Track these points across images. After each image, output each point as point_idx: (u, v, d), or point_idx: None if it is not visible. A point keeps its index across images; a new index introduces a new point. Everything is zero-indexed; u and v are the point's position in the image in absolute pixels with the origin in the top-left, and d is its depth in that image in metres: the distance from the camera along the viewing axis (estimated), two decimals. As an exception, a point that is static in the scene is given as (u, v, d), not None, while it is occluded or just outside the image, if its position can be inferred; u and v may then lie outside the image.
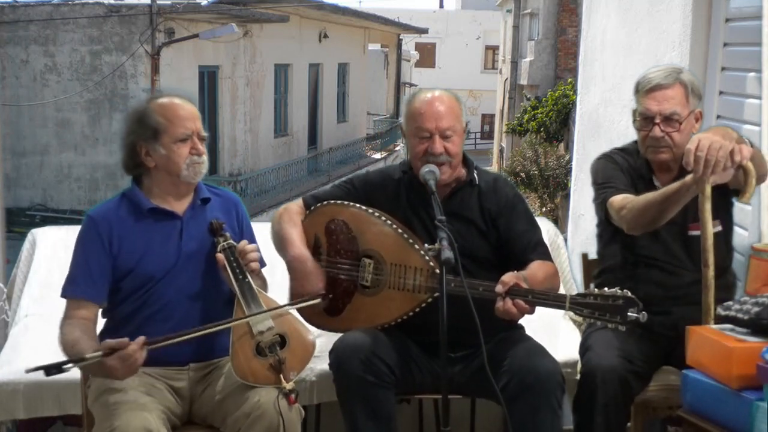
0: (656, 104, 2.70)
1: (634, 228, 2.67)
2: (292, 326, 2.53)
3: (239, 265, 2.53)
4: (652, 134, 2.72)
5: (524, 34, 25.09)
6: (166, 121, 2.52)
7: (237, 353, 2.45)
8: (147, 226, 2.57)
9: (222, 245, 2.55)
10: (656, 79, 2.72)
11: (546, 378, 2.49)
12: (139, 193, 2.60)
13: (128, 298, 2.53)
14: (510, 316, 2.46)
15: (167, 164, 2.54)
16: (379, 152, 23.94)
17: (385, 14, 25.78)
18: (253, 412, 2.35)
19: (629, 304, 2.38)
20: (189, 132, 2.54)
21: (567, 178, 15.74)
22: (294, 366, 2.46)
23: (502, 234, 2.74)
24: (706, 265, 2.47)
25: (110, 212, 2.57)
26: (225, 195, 2.76)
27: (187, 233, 2.59)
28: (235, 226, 2.70)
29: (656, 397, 2.69)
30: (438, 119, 2.66)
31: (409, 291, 2.65)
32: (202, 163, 2.57)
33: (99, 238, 2.52)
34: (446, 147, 2.66)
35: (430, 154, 2.66)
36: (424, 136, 2.67)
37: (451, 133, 2.67)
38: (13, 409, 2.89)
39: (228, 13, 15.16)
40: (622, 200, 2.69)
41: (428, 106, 2.69)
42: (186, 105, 2.58)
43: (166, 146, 2.52)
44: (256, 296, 2.51)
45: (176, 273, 2.55)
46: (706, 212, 2.45)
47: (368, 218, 2.73)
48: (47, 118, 14.75)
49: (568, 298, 2.45)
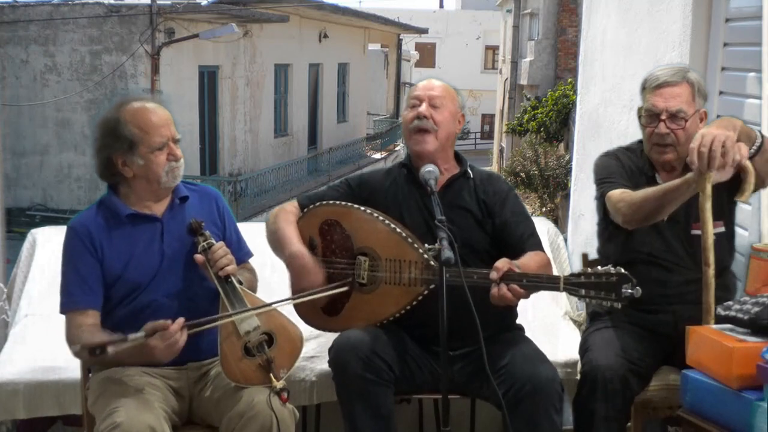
0: (663, 101, 2.71)
1: (629, 222, 2.67)
2: (278, 322, 2.53)
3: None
4: (658, 131, 2.72)
5: (524, 34, 25.09)
6: (141, 132, 2.50)
7: (226, 355, 2.45)
8: (127, 232, 2.55)
9: (202, 245, 2.54)
10: (664, 77, 2.73)
11: (544, 386, 2.49)
12: (117, 200, 2.58)
13: (118, 305, 2.53)
14: (506, 302, 2.47)
15: (146, 173, 2.53)
16: (379, 152, 23.93)
17: (385, 14, 25.79)
18: (247, 412, 2.35)
19: (623, 281, 2.38)
20: (165, 139, 2.52)
21: (567, 178, 15.74)
22: (283, 363, 2.46)
23: (496, 225, 2.76)
24: (706, 264, 2.47)
25: (89, 221, 2.56)
26: (203, 191, 2.75)
27: (168, 234, 2.58)
28: (216, 221, 2.69)
29: (656, 397, 2.69)
30: (429, 89, 2.79)
31: (405, 285, 2.65)
32: (179, 167, 2.56)
33: (85, 246, 2.51)
34: (432, 114, 2.73)
35: (416, 118, 2.73)
36: (414, 104, 2.76)
37: (440, 104, 2.75)
38: (13, 409, 2.89)
39: (228, 13, 15.16)
40: (621, 194, 2.69)
41: (425, 82, 2.85)
42: (158, 110, 2.55)
43: (143, 156, 2.51)
44: (241, 297, 2.50)
45: (162, 275, 2.54)
46: (707, 211, 2.45)
47: (361, 216, 2.74)
48: (47, 118, 14.75)
49: (562, 279, 2.45)
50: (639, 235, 2.77)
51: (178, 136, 2.58)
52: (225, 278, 2.51)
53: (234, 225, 2.77)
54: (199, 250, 2.53)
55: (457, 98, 2.83)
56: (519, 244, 2.72)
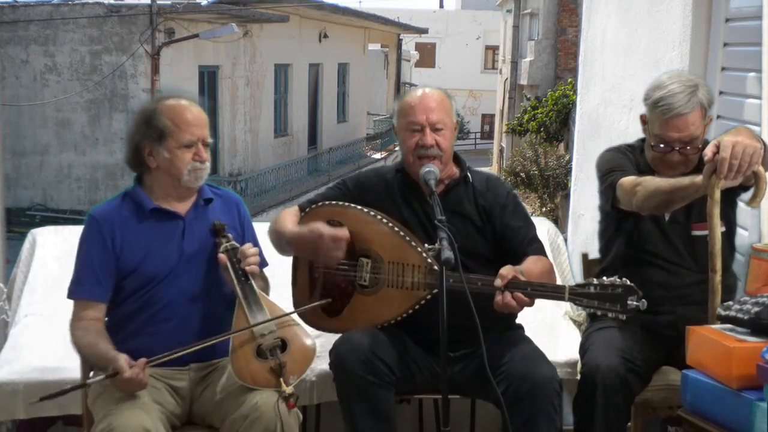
0: (677, 132, 2.67)
1: (642, 207, 2.64)
2: (293, 331, 2.53)
3: (242, 267, 2.53)
4: (671, 157, 2.71)
5: (524, 34, 25.09)
6: (174, 126, 2.52)
7: (237, 355, 2.44)
8: (149, 226, 2.57)
9: (225, 246, 2.55)
10: (677, 106, 2.63)
11: (543, 385, 2.49)
12: (142, 193, 2.60)
13: (130, 297, 2.53)
14: (510, 309, 2.46)
15: (169, 168, 2.55)
16: (379, 152, 23.94)
17: (385, 14, 25.79)
18: (251, 414, 2.35)
19: (629, 293, 2.38)
20: (195, 139, 2.54)
21: (567, 178, 15.74)
22: (294, 371, 2.45)
23: (497, 230, 2.75)
24: (713, 270, 2.44)
25: (112, 212, 2.57)
26: (227, 195, 2.77)
27: (189, 233, 2.59)
28: (237, 227, 2.70)
29: (656, 397, 2.69)
30: (428, 112, 2.70)
31: (407, 289, 2.65)
32: (204, 170, 2.57)
33: (102, 238, 2.52)
34: (437, 140, 2.69)
35: (421, 147, 2.69)
36: (415, 129, 2.70)
37: (441, 126, 2.70)
38: (13, 409, 2.89)
39: (228, 13, 15.16)
40: (635, 179, 2.67)
41: (419, 100, 2.73)
42: (195, 109, 2.58)
43: (170, 150, 2.52)
44: (258, 299, 2.51)
45: (178, 273, 2.55)
46: (715, 217, 2.41)
47: (364, 218, 2.73)
48: (47, 118, 14.75)
49: (567, 289, 2.45)
50: (643, 234, 2.77)
51: (210, 140, 2.59)
52: (245, 280, 2.52)
53: (253, 232, 2.77)
54: (222, 251, 2.54)
55: (452, 107, 2.78)
56: (520, 249, 2.71)
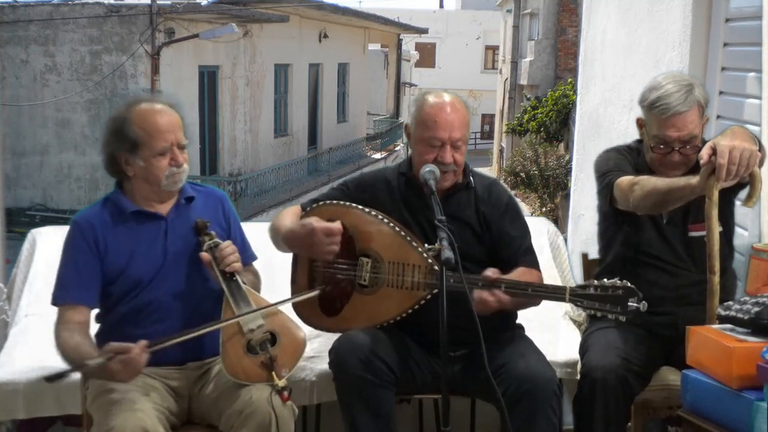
0: (676, 131, 2.67)
1: (638, 207, 2.64)
2: (283, 323, 2.54)
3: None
4: (671, 158, 2.71)
5: (524, 34, 25.11)
6: (146, 135, 2.50)
7: (227, 352, 2.45)
8: (131, 229, 2.56)
9: (207, 244, 2.55)
10: (675, 105, 2.65)
11: (542, 386, 2.50)
12: (122, 197, 2.59)
13: (119, 302, 2.53)
14: (486, 306, 2.47)
15: (147, 176, 2.54)
16: (379, 152, 23.93)
17: (385, 14, 25.77)
18: (245, 410, 2.35)
19: (629, 294, 2.39)
20: (168, 145, 2.52)
21: (567, 178, 15.74)
22: (285, 363, 2.46)
23: (494, 236, 2.75)
24: (712, 271, 2.44)
25: (95, 216, 2.56)
26: (209, 192, 2.76)
27: (172, 233, 2.59)
28: (222, 222, 2.70)
29: (656, 397, 2.69)
30: (452, 129, 2.65)
31: (407, 289, 2.65)
32: (181, 173, 2.56)
33: (86, 242, 2.51)
34: (455, 157, 2.67)
35: (439, 163, 2.65)
36: (435, 144, 2.66)
37: (461, 144, 2.68)
38: (13, 409, 2.88)
39: (228, 13, 15.15)
40: (632, 179, 2.68)
41: (442, 113, 2.65)
42: (166, 113, 2.54)
43: (145, 159, 2.51)
44: (245, 294, 2.51)
45: (165, 274, 2.55)
46: (713, 218, 2.41)
47: (365, 217, 2.73)
48: (47, 118, 14.75)
49: (568, 290, 2.46)
50: (642, 235, 2.77)
51: (185, 142, 2.57)
52: (230, 277, 2.52)
53: (239, 227, 2.77)
54: (205, 249, 2.54)
55: (470, 117, 2.75)
56: (513, 259, 2.71)
